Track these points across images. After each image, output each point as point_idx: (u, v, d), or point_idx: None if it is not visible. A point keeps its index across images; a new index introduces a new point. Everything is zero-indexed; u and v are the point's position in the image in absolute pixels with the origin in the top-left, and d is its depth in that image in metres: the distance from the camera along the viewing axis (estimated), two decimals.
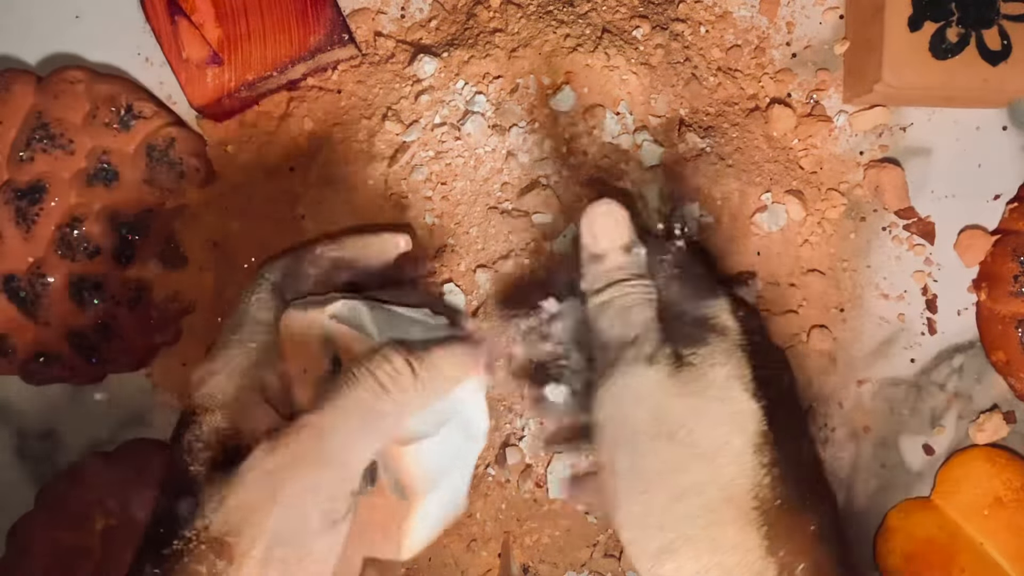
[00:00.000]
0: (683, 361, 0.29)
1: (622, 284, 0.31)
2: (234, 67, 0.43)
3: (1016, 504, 0.42)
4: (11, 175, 0.43)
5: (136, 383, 0.46)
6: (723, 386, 0.29)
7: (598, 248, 0.32)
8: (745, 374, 0.29)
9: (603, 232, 0.32)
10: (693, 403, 0.29)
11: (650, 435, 0.28)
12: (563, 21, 0.42)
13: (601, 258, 0.32)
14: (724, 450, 0.28)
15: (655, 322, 0.31)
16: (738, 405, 0.29)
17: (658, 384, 0.29)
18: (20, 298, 0.43)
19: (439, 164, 0.42)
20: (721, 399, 0.29)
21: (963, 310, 0.45)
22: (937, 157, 0.45)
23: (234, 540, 0.27)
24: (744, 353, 0.30)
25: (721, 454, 0.28)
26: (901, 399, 0.45)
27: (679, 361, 0.29)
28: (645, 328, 0.30)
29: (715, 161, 0.43)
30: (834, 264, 0.44)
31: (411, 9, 0.45)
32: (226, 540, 0.27)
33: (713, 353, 0.29)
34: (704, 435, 0.28)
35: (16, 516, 0.44)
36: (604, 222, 0.32)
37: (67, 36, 0.46)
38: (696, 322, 0.31)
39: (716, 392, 0.29)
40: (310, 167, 0.44)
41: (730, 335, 0.30)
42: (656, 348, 0.30)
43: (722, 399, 0.29)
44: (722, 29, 0.45)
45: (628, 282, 0.31)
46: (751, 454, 0.28)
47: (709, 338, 0.30)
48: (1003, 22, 0.41)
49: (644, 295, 0.31)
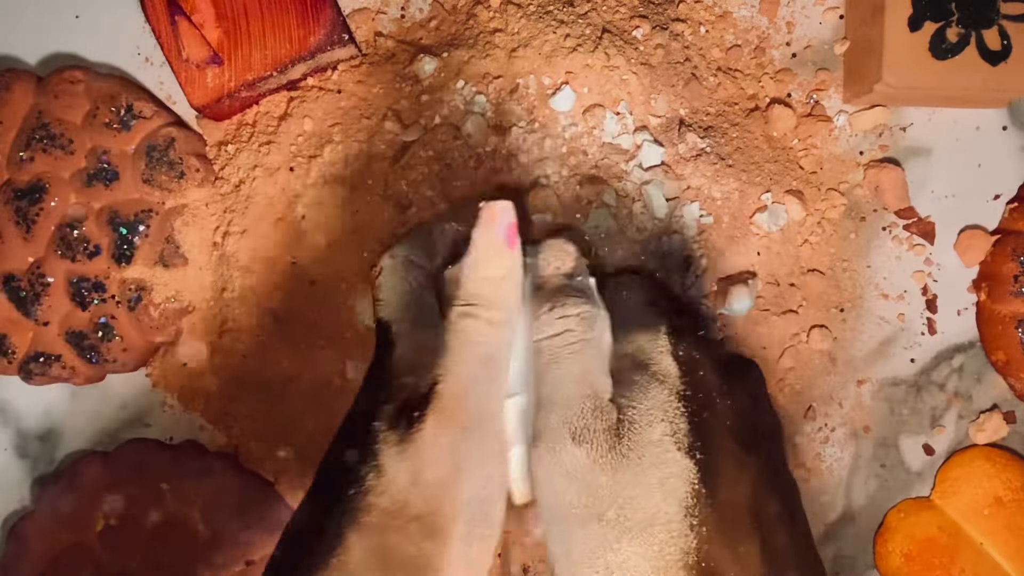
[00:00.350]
0: (621, 421, 0.28)
1: (564, 321, 0.30)
2: (234, 67, 0.43)
3: (1016, 504, 0.42)
4: (11, 175, 0.43)
5: (136, 383, 0.46)
6: (657, 447, 0.28)
7: (540, 273, 0.31)
8: (680, 428, 0.28)
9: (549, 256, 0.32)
10: (626, 477, 0.27)
11: (580, 518, 0.28)
12: (563, 21, 0.42)
13: (542, 285, 0.31)
14: (656, 519, 0.27)
15: (593, 374, 0.29)
16: (671, 467, 0.27)
17: (589, 463, 0.28)
18: (20, 298, 0.43)
19: (439, 164, 0.42)
20: (656, 463, 0.28)
21: (963, 310, 0.45)
22: (937, 157, 0.45)
23: (438, 519, 0.27)
24: (681, 403, 0.29)
25: (653, 524, 0.27)
26: (901, 399, 0.45)
27: (617, 425, 0.28)
28: (579, 389, 0.29)
29: (715, 161, 0.43)
30: (834, 264, 0.44)
31: (411, 9, 0.45)
32: (429, 519, 0.27)
33: (651, 409, 0.28)
34: (636, 509, 0.27)
35: (16, 516, 0.44)
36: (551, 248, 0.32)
37: (67, 36, 0.46)
38: (636, 365, 0.30)
39: (651, 458, 0.28)
40: (310, 167, 0.44)
41: (668, 381, 0.29)
42: (589, 419, 0.28)
43: (656, 463, 0.28)
44: (722, 29, 0.45)
45: (568, 317, 0.30)
46: (681, 519, 0.27)
47: (649, 388, 0.29)
48: (1003, 22, 0.41)
49: (582, 335, 0.29)
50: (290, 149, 0.44)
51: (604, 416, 0.28)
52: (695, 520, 0.27)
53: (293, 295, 0.43)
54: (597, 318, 0.31)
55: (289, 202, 0.44)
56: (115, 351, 0.43)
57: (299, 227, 0.43)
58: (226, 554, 0.42)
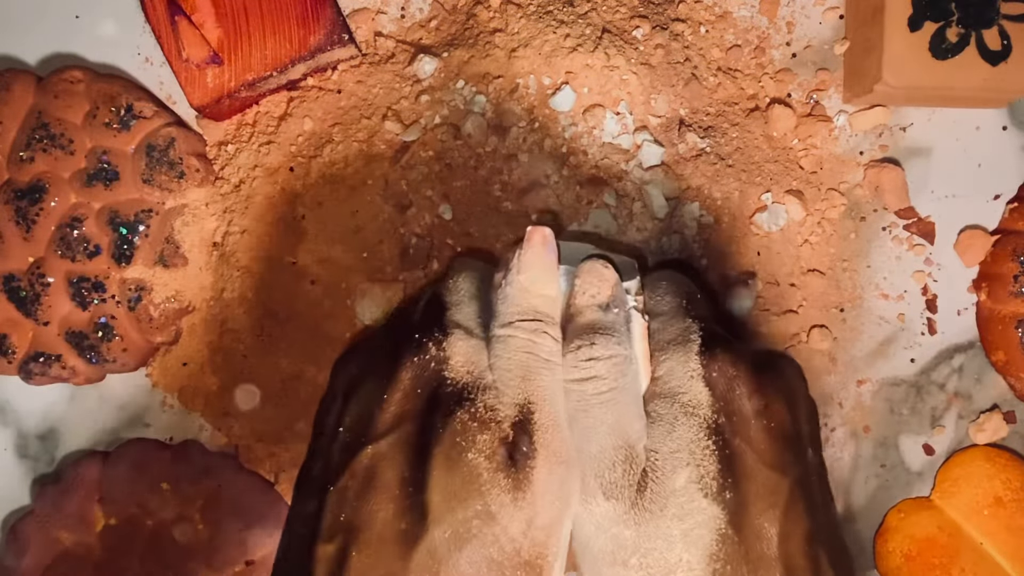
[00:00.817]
0: (645, 472, 0.28)
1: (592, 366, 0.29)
2: (234, 67, 0.43)
3: (1016, 504, 0.42)
4: (11, 175, 0.43)
5: (136, 383, 0.46)
6: (681, 496, 0.28)
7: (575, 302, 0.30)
8: (708, 471, 0.28)
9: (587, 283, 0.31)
10: (648, 530, 0.28)
11: (608, 563, 0.28)
12: (563, 21, 0.42)
13: (574, 315, 0.30)
14: (677, 567, 0.27)
15: (626, 422, 0.29)
16: (696, 517, 0.27)
17: (615, 517, 0.28)
18: (20, 298, 0.43)
19: (439, 164, 0.42)
20: (679, 515, 0.27)
21: (963, 310, 0.45)
22: (937, 157, 0.45)
23: (543, 563, 0.27)
24: (711, 439, 0.28)
25: (674, 572, 0.27)
26: (901, 399, 0.45)
27: (642, 475, 0.28)
28: (611, 440, 0.28)
29: (715, 161, 0.43)
30: (834, 264, 0.44)
31: (411, 9, 0.45)
32: (536, 563, 0.27)
33: (677, 452, 0.28)
34: (658, 559, 0.27)
35: (16, 516, 0.44)
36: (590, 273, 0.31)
37: (67, 36, 0.46)
38: (666, 393, 0.29)
39: (674, 509, 0.28)
40: (310, 167, 0.44)
41: (699, 413, 0.29)
42: (618, 475, 0.28)
43: (680, 515, 0.27)
44: (722, 29, 0.45)
45: (597, 361, 0.29)
46: (704, 567, 0.27)
47: (676, 425, 0.28)
48: (1003, 22, 0.41)
49: (612, 383, 0.29)
50: (290, 149, 0.44)
51: (634, 469, 0.28)
52: (719, 564, 0.27)
53: (293, 295, 0.43)
54: (629, 362, 0.30)
55: (289, 202, 0.44)
56: (115, 351, 0.43)
57: (299, 227, 0.43)
58: (226, 554, 0.42)
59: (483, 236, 0.42)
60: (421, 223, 0.42)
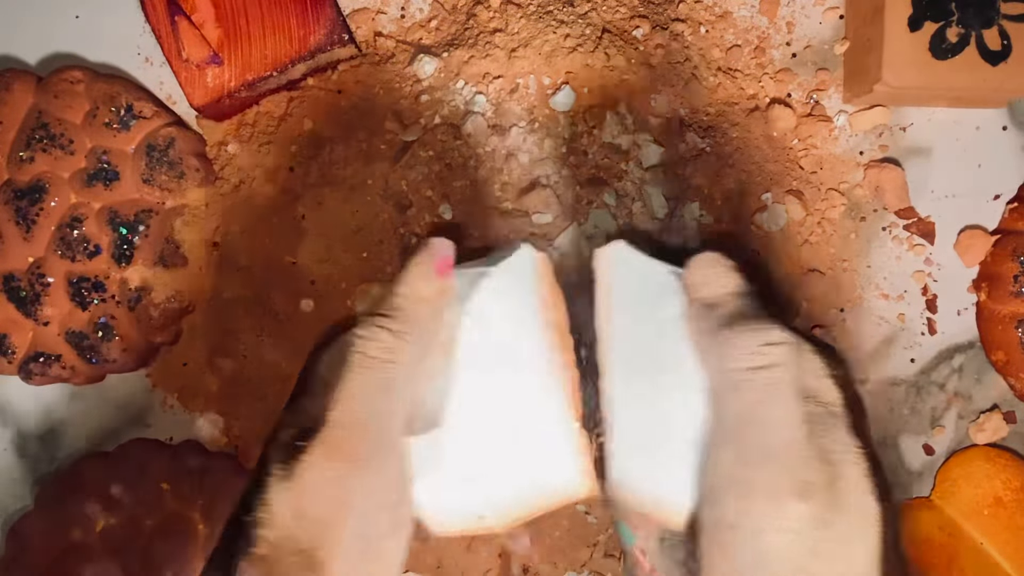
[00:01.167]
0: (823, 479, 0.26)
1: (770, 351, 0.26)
2: (234, 67, 0.43)
3: (1016, 504, 0.42)
4: (11, 175, 0.43)
5: (136, 383, 0.46)
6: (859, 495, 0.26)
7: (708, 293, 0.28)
8: (866, 468, 0.26)
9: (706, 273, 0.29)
10: (840, 531, 0.26)
11: (791, 569, 0.25)
12: (563, 21, 0.42)
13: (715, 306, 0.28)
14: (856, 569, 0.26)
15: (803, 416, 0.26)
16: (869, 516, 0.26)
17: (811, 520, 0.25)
18: (20, 298, 0.43)
19: (439, 164, 0.42)
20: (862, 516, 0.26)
21: (963, 310, 0.45)
22: (937, 157, 0.45)
23: (318, 554, 0.26)
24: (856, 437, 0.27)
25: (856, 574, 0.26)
26: (901, 399, 0.45)
27: None
28: (795, 433, 0.26)
29: (715, 161, 0.43)
30: (834, 264, 0.44)
31: (411, 9, 0.45)
32: (309, 553, 0.26)
33: (843, 452, 0.26)
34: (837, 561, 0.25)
35: (16, 516, 0.44)
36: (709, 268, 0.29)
37: (67, 36, 0.46)
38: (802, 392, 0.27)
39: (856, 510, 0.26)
40: (310, 167, 0.44)
41: (839, 412, 0.27)
42: (812, 473, 0.26)
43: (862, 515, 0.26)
44: (722, 29, 0.45)
45: (774, 346, 0.26)
46: (875, 571, 0.26)
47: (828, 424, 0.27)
48: (1003, 22, 0.41)
49: (790, 371, 0.26)
50: (290, 149, 0.44)
51: (824, 467, 0.26)
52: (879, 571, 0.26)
53: (293, 295, 0.43)
54: (801, 350, 0.27)
55: (289, 202, 0.44)
56: (115, 351, 0.43)
57: (299, 227, 0.43)
58: None
59: (483, 236, 0.42)
60: (421, 223, 0.42)
